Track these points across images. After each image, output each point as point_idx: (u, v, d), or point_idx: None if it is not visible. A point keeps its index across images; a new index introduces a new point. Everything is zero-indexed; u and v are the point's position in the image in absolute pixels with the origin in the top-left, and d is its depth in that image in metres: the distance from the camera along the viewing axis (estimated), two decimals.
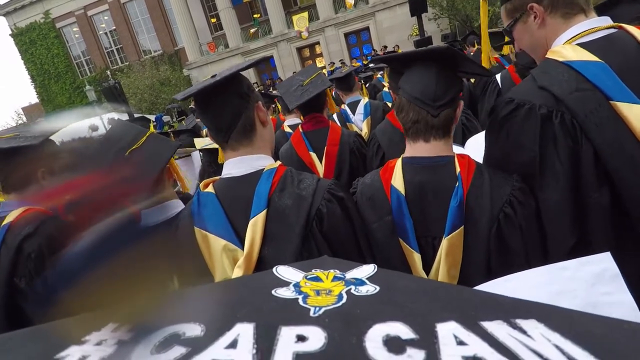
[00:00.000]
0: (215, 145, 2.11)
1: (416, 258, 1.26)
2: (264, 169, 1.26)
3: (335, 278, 0.61)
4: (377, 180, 1.37)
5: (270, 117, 4.92)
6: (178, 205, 1.55)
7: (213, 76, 1.26)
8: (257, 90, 1.39)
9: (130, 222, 0.54)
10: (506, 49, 4.21)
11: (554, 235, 1.19)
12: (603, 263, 0.69)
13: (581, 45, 1.18)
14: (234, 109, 1.25)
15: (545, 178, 1.18)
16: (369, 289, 0.56)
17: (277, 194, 1.21)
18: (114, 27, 29.97)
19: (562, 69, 1.17)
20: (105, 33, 30.63)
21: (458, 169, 1.23)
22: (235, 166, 1.29)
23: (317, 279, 0.61)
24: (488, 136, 1.35)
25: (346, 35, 24.06)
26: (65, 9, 29.54)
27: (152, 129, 5.18)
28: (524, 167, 1.21)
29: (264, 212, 1.18)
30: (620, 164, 1.11)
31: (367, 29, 23.49)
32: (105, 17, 29.99)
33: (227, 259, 1.19)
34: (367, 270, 0.63)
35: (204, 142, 3.11)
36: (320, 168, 2.56)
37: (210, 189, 1.28)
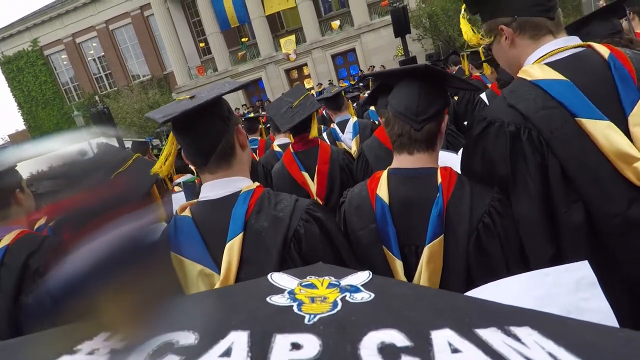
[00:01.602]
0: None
1: (398, 265, 1.29)
2: (241, 191, 1.25)
3: (330, 285, 0.60)
4: (364, 190, 1.42)
5: (259, 138, 4.96)
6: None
7: (191, 97, 1.22)
8: (247, 111, 1.40)
9: (134, 239, 0.54)
10: (487, 69, 4.34)
11: (532, 247, 1.22)
12: (581, 270, 0.73)
13: (549, 64, 1.23)
14: (215, 133, 1.23)
15: (517, 193, 1.22)
16: (364, 296, 0.56)
17: (254, 216, 1.19)
18: (103, 54, 30.14)
19: (529, 88, 1.22)
20: (94, 59, 30.76)
21: (439, 180, 1.28)
22: (212, 189, 1.27)
23: (312, 286, 0.60)
24: (465, 153, 1.42)
25: (333, 56, 24.56)
26: (53, 36, 29.69)
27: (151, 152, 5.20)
28: (499, 182, 1.26)
29: (241, 235, 1.16)
30: (585, 180, 1.14)
31: (354, 50, 24.03)
32: (94, 44, 30.19)
33: (203, 284, 1.16)
34: (362, 277, 0.63)
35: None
36: (313, 186, 2.60)
37: (187, 212, 1.27)
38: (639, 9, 3.16)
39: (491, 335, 0.45)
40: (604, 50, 1.21)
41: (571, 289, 0.71)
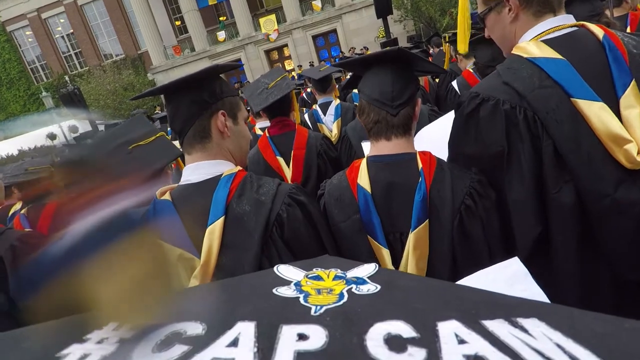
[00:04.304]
0: None
1: (385, 254, 1.28)
2: (222, 174, 1.24)
3: (336, 277, 0.61)
4: (344, 180, 1.39)
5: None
6: None
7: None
8: None
9: (122, 215, 0.55)
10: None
11: (520, 226, 1.23)
12: (514, 266, 0.78)
13: (545, 42, 1.21)
14: (185, 115, 1.24)
15: (511, 171, 1.22)
16: (370, 287, 0.56)
17: (236, 200, 1.18)
18: (72, 31, 28.63)
19: (526, 65, 1.20)
20: (62, 37, 29.22)
21: (420, 165, 1.27)
22: (193, 172, 1.26)
23: (318, 277, 0.61)
24: (455, 132, 1.38)
25: (314, 37, 24.17)
26: (16, 11, 27.95)
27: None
28: (492, 160, 1.25)
29: (222, 219, 1.15)
30: (577, 160, 1.14)
31: (335, 31, 23.71)
32: (62, 20, 28.60)
33: (183, 268, 1.14)
34: (368, 269, 0.63)
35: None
36: (288, 172, 2.55)
37: (167, 196, 1.24)
38: None
39: (498, 326, 0.45)
40: (598, 30, 1.20)
41: (508, 283, 0.76)
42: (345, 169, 1.46)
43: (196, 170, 1.25)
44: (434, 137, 1.56)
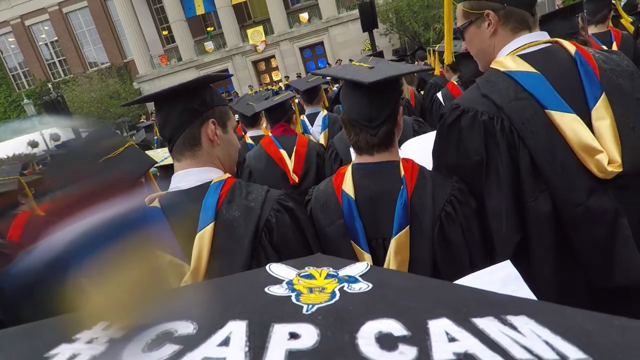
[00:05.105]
0: (170, 162, 2.13)
1: (367, 259, 1.30)
2: (211, 181, 1.25)
3: (328, 275, 0.61)
4: (330, 187, 1.42)
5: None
6: None
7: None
8: None
9: (120, 218, 0.55)
10: (437, 67, 4.48)
11: (499, 233, 1.26)
12: (506, 269, 0.81)
13: (521, 56, 1.26)
14: (175, 123, 1.25)
15: (489, 180, 1.25)
16: (362, 286, 0.56)
17: (225, 206, 1.19)
18: (56, 38, 28.21)
19: (503, 79, 1.25)
20: (46, 44, 28.74)
21: (402, 173, 1.30)
22: (182, 179, 1.27)
23: (310, 276, 0.61)
24: (437, 142, 1.42)
25: (301, 49, 24.40)
26: None
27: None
28: (472, 169, 1.28)
29: (212, 225, 1.16)
30: (552, 170, 1.19)
31: (322, 43, 24.00)
32: (46, 27, 28.17)
33: (172, 274, 1.14)
34: (360, 267, 0.64)
35: (157, 155, 3.03)
36: (290, 164, 2.69)
37: (155, 203, 1.25)
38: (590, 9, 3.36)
39: (488, 324, 0.45)
40: (570, 46, 1.26)
41: (500, 284, 0.78)
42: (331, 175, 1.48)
43: (185, 177, 1.26)
44: (420, 148, 1.59)
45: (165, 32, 26.86)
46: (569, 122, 1.16)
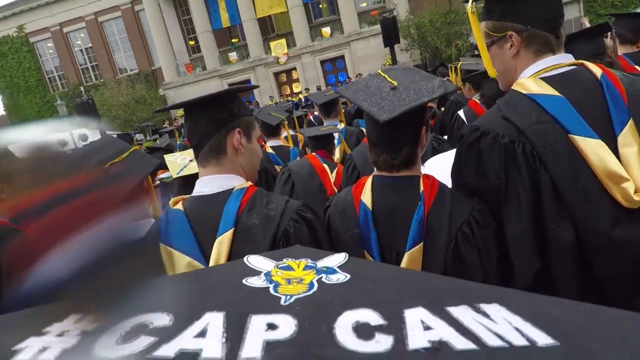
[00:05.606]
0: (189, 172, 2.16)
1: None
2: (234, 188, 1.28)
3: (306, 267, 0.61)
4: (350, 195, 1.43)
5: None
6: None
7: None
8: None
9: (117, 237, 0.53)
10: (460, 83, 4.45)
11: (519, 260, 1.21)
12: None
13: (544, 79, 1.23)
14: (203, 131, 1.29)
15: (509, 205, 1.21)
16: (340, 277, 0.57)
17: (246, 213, 1.22)
18: (90, 45, 29.57)
19: (525, 101, 1.21)
20: (81, 50, 30.14)
21: (422, 189, 1.29)
22: (206, 185, 1.30)
23: (288, 267, 0.61)
24: (456, 163, 1.39)
25: (322, 62, 24.72)
26: (40, 24, 28.98)
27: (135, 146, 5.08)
28: (492, 192, 1.25)
29: (231, 230, 1.19)
30: (574, 196, 1.13)
31: (343, 57, 24.24)
32: (82, 35, 29.58)
33: None
34: (338, 258, 0.64)
35: (175, 163, 3.04)
36: (332, 177, 2.87)
37: (179, 206, 1.29)
38: (621, 31, 3.20)
39: (462, 312, 0.47)
40: (596, 69, 1.21)
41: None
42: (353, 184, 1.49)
43: (209, 183, 1.30)
44: (444, 167, 1.56)
45: (192, 42, 27.72)
46: (593, 148, 1.11)
